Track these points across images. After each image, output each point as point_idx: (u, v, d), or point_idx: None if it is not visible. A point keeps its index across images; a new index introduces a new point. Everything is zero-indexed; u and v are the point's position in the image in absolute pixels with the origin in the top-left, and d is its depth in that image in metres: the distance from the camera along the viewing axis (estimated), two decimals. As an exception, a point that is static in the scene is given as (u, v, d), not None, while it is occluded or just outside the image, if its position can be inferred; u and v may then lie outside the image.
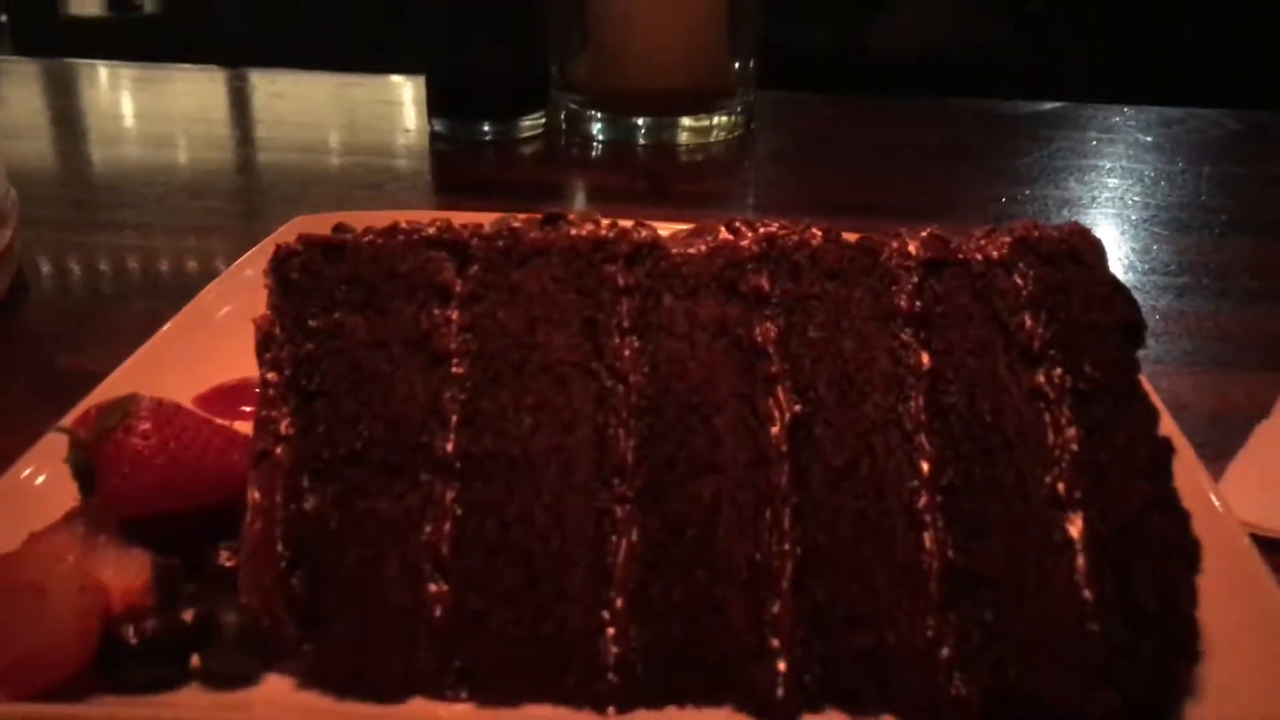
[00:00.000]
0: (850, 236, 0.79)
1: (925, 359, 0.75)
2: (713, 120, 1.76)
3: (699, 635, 0.69)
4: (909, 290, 0.77)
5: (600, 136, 1.78)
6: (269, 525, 0.71)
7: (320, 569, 0.70)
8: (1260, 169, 1.73)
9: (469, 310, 0.77)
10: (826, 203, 1.54)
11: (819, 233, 0.79)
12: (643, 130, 1.76)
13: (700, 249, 0.78)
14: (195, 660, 0.67)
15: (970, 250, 0.78)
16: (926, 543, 0.70)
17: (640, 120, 1.75)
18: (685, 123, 1.75)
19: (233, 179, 1.72)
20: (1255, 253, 1.40)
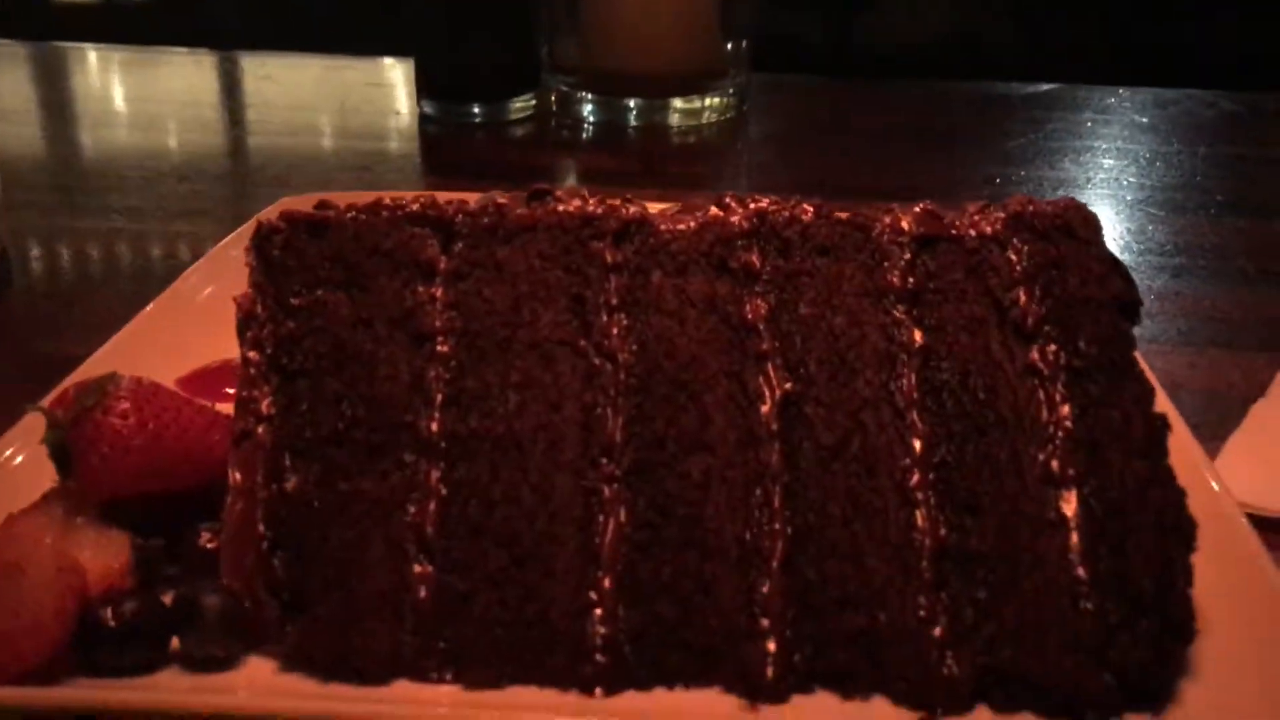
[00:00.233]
0: (842, 213, 0.78)
1: (918, 336, 0.74)
2: (705, 102, 1.75)
3: (688, 616, 0.68)
4: (901, 266, 0.75)
5: (591, 118, 1.76)
6: (250, 506, 0.70)
7: (303, 550, 0.69)
8: (1256, 150, 1.72)
9: (453, 288, 0.75)
10: (819, 185, 1.53)
11: (810, 209, 0.78)
12: (634, 112, 1.74)
13: (690, 225, 0.77)
14: (175, 643, 0.66)
15: (964, 226, 0.77)
16: (919, 521, 0.69)
17: (631, 102, 1.73)
18: (677, 105, 1.74)
19: (221, 163, 1.70)
20: (1251, 233, 1.39)
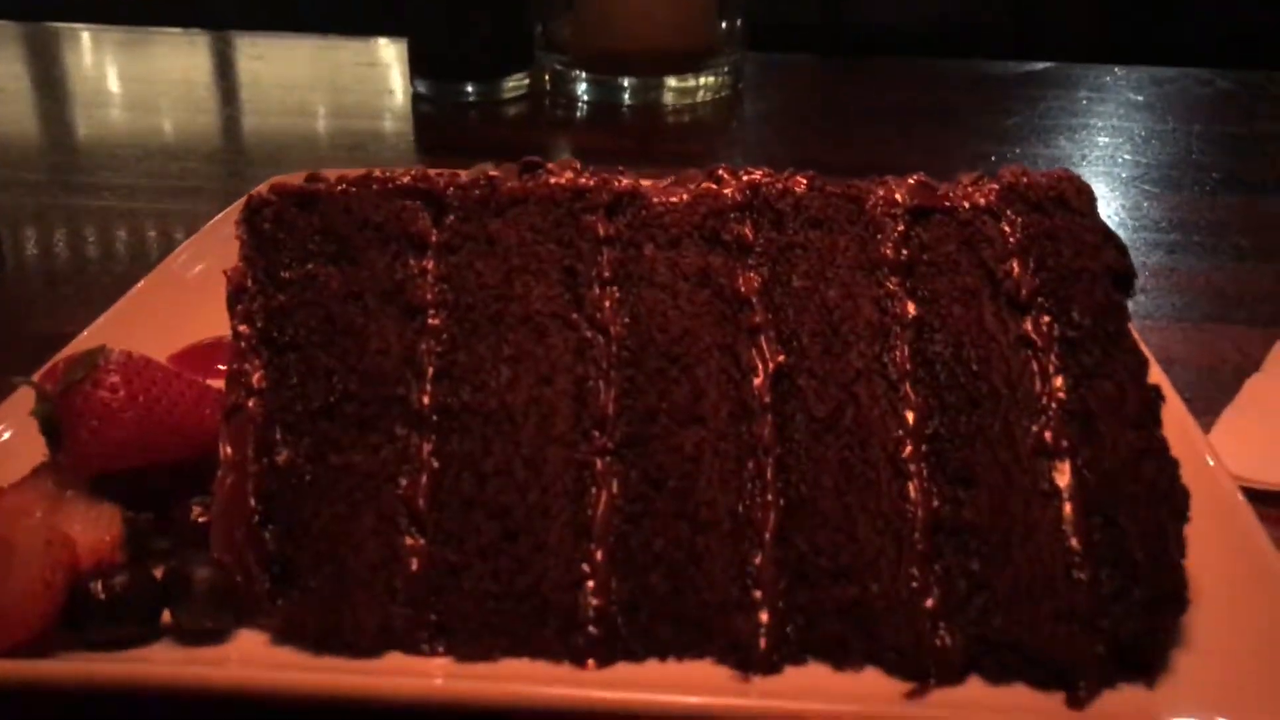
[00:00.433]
0: (835, 186, 0.78)
1: (911, 308, 0.73)
2: (699, 81, 1.74)
3: (680, 588, 0.67)
4: (895, 238, 0.75)
5: (585, 97, 1.75)
6: (241, 480, 0.69)
7: (293, 523, 0.69)
8: (1251, 127, 1.72)
9: (445, 260, 0.75)
10: (813, 164, 1.49)
11: (803, 181, 0.78)
12: (628, 91, 1.73)
13: (682, 198, 0.77)
14: (166, 616, 0.66)
15: (957, 197, 0.77)
16: (911, 493, 0.68)
17: (625, 81, 1.73)
18: (671, 83, 1.73)
19: (214, 142, 1.70)
20: (1246, 210, 1.39)
